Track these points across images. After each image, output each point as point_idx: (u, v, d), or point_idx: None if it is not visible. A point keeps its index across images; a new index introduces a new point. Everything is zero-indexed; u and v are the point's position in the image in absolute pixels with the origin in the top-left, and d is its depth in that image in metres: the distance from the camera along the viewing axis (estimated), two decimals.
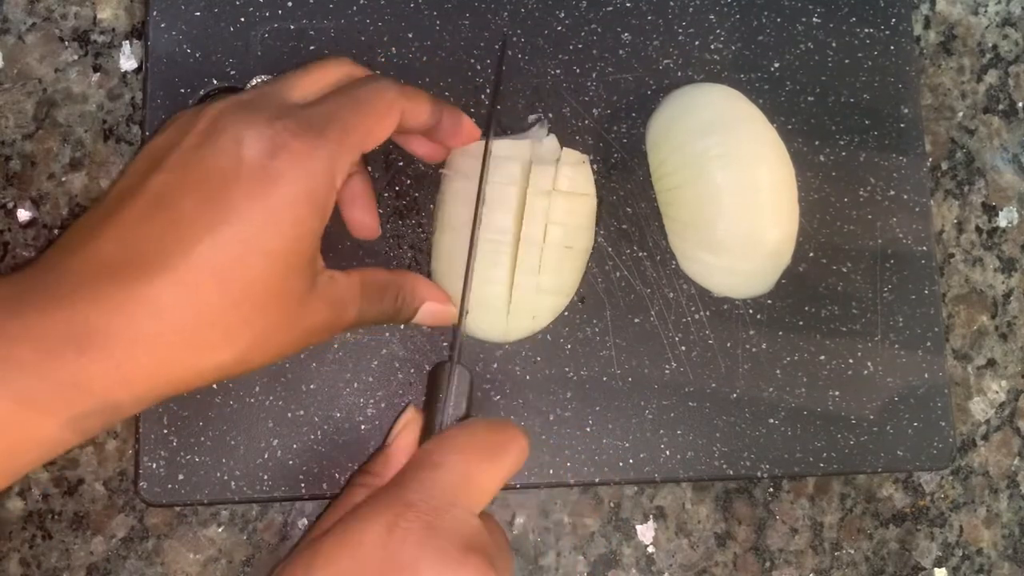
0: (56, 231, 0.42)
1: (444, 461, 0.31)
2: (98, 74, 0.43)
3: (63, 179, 0.42)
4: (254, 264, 0.28)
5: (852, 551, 0.45)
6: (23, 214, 0.42)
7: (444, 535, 0.28)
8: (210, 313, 0.27)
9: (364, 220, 0.38)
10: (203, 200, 0.27)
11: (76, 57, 0.43)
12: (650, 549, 0.44)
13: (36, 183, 0.42)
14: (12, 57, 0.43)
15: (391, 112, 0.33)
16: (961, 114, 0.49)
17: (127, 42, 0.44)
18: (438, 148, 0.39)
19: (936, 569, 0.46)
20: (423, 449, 0.32)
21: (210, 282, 0.27)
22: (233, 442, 0.39)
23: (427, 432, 0.35)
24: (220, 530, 0.41)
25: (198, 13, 0.41)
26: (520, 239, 0.38)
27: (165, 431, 0.39)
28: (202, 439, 0.39)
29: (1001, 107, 0.49)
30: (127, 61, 0.43)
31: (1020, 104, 0.50)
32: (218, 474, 0.39)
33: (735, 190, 0.39)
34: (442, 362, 0.37)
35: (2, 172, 0.42)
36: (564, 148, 0.40)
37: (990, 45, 0.50)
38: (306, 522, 0.42)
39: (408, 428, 0.34)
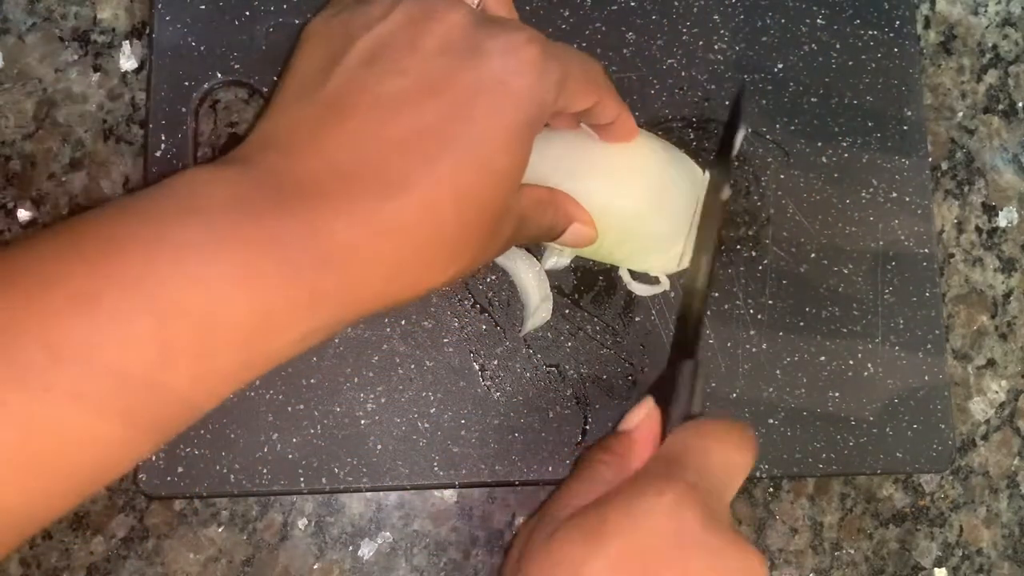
0: None
1: (711, 449, 0.33)
2: (98, 74, 0.43)
3: (63, 179, 0.42)
4: (487, 185, 0.27)
5: (852, 551, 0.45)
6: (23, 214, 0.42)
7: (719, 517, 0.31)
8: (444, 234, 0.27)
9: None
10: (448, 114, 0.27)
11: (76, 57, 0.43)
12: None
13: (36, 183, 0.42)
14: (12, 57, 0.43)
15: (597, 90, 0.32)
16: (961, 114, 0.49)
17: (127, 42, 0.43)
18: None
19: (936, 569, 0.46)
20: (691, 436, 0.34)
21: (448, 202, 0.26)
22: (233, 435, 0.39)
23: (665, 418, 0.36)
24: (220, 530, 0.41)
25: (203, 7, 0.41)
26: None
27: None
28: (202, 432, 0.39)
29: (1001, 107, 0.49)
30: (127, 61, 0.43)
31: (1020, 104, 0.50)
32: (217, 467, 0.39)
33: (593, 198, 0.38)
34: (678, 358, 0.37)
35: (2, 172, 0.42)
36: None
37: (990, 45, 0.50)
38: (306, 522, 0.42)
39: (650, 417, 0.36)
